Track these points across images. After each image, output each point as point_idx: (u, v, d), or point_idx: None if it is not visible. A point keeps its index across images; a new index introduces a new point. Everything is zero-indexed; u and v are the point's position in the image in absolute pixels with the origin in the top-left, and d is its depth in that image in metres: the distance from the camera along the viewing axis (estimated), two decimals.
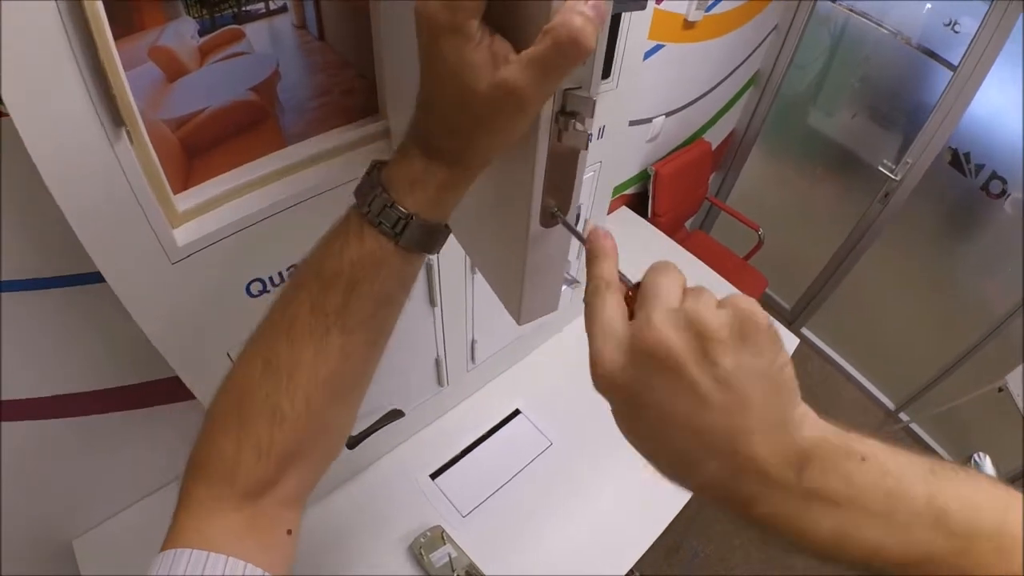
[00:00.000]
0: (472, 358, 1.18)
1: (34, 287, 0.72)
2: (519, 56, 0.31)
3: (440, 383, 1.16)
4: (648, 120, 1.81)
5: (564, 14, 0.29)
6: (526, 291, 0.46)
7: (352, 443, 0.94)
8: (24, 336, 0.75)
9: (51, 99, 0.40)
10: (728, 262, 2.30)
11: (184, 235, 0.55)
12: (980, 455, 1.72)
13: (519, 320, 0.49)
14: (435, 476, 1.18)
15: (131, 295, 0.55)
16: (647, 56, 1.53)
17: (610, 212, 1.84)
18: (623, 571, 1.09)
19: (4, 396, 0.79)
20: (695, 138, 2.18)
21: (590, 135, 0.37)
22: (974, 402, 1.96)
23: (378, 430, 0.98)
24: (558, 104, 0.35)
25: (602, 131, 0.98)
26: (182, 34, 0.48)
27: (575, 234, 0.41)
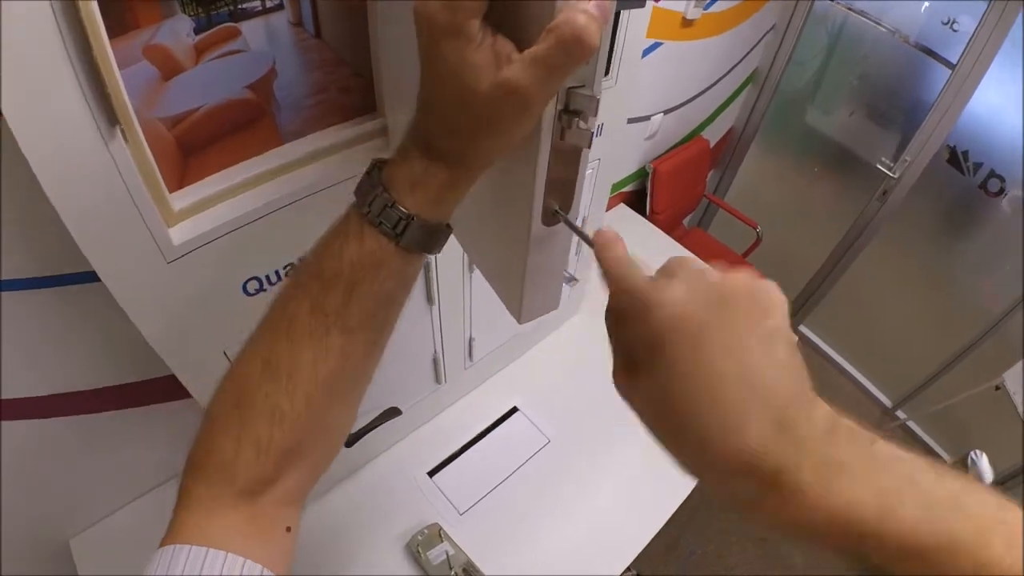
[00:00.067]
0: (470, 356, 1.18)
1: (30, 286, 0.71)
2: (522, 56, 0.31)
3: (437, 381, 1.16)
4: (646, 118, 1.81)
5: (568, 12, 0.29)
6: (527, 290, 0.46)
7: (349, 441, 0.94)
8: (21, 335, 0.74)
9: (45, 97, 0.40)
10: (726, 259, 2.28)
11: (180, 234, 0.55)
12: (976, 453, 1.73)
13: (520, 319, 0.49)
14: (432, 474, 1.18)
15: (127, 294, 0.55)
16: (645, 54, 1.53)
17: (608, 209, 1.84)
18: (620, 569, 1.09)
19: (3, 395, 0.79)
20: (693, 135, 2.18)
21: (593, 133, 0.36)
22: (971, 400, 1.97)
23: (375, 428, 0.98)
24: (561, 103, 0.35)
25: (600, 129, 0.97)
26: (177, 32, 0.47)
27: (579, 234, 0.40)
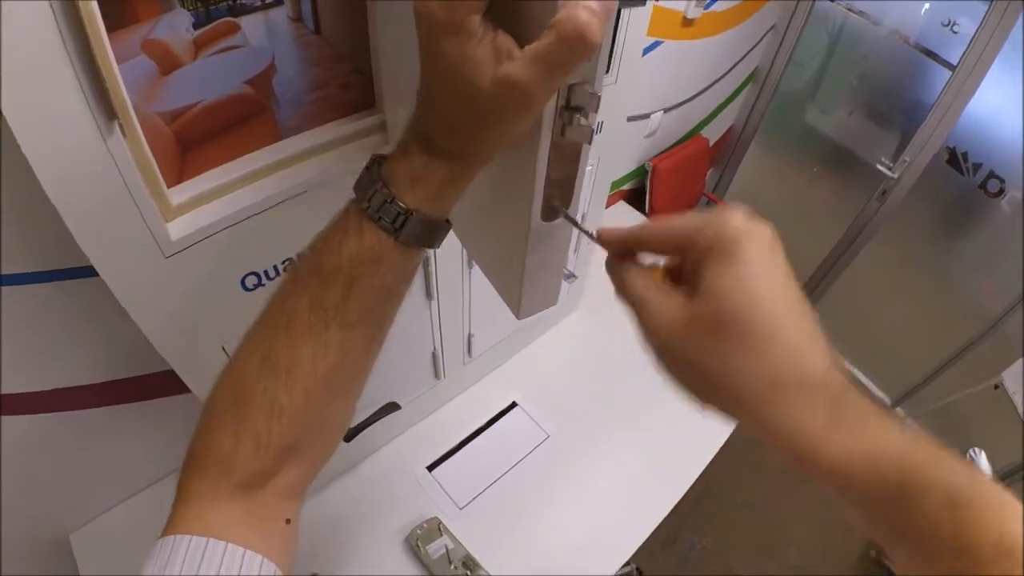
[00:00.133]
0: (469, 351, 1.18)
1: (28, 281, 0.71)
2: (523, 52, 0.30)
3: (437, 376, 1.16)
4: (646, 116, 1.81)
5: (569, 9, 0.28)
6: (526, 286, 0.46)
7: (349, 436, 0.94)
8: (19, 331, 0.75)
9: (42, 92, 0.39)
10: None
11: (178, 229, 0.55)
12: (975, 451, 1.73)
13: (519, 315, 0.49)
14: (432, 468, 1.18)
15: (125, 289, 0.55)
16: (646, 52, 1.53)
17: (608, 207, 1.84)
18: (619, 563, 1.09)
19: (2, 391, 0.79)
20: (693, 134, 2.18)
21: (594, 130, 0.37)
22: (970, 399, 1.97)
23: (375, 423, 0.98)
24: (562, 99, 0.35)
25: (600, 126, 0.98)
26: (176, 27, 0.47)
27: (581, 229, 0.41)
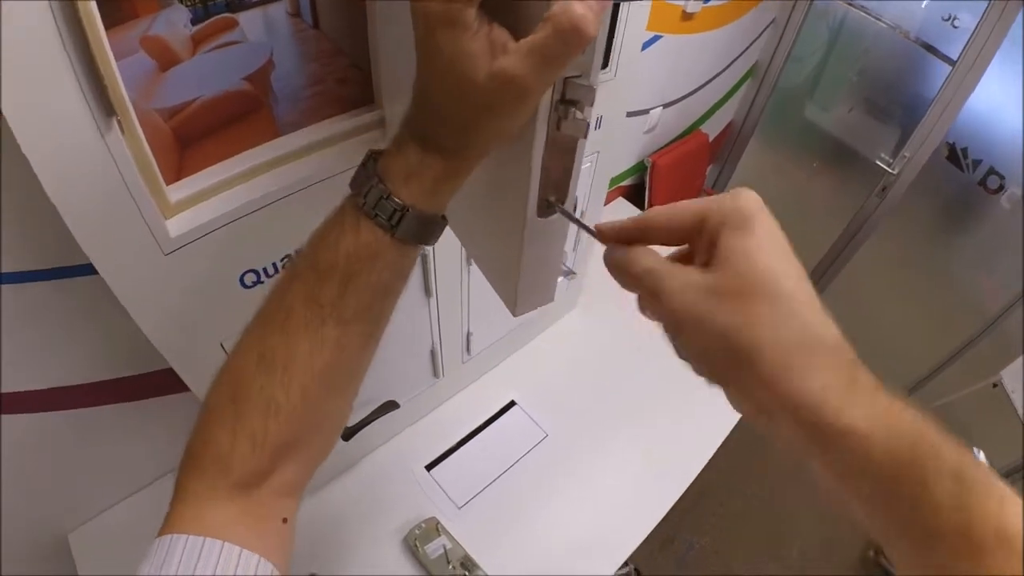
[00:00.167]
0: (467, 349, 1.18)
1: (27, 279, 0.71)
2: (518, 45, 0.30)
3: (435, 374, 1.16)
4: (645, 111, 1.81)
5: (565, 1, 0.29)
6: (522, 282, 0.46)
7: (347, 435, 0.94)
8: (19, 328, 0.74)
9: (40, 89, 0.39)
10: None
11: (177, 226, 0.55)
12: (975, 450, 1.73)
13: (515, 311, 0.49)
14: (430, 468, 1.18)
15: (124, 287, 0.54)
16: (645, 47, 1.52)
17: (607, 203, 1.84)
18: (618, 563, 1.09)
19: (2, 389, 0.79)
20: (692, 129, 2.18)
21: (589, 124, 0.36)
22: (969, 398, 1.97)
23: (373, 421, 0.98)
24: (558, 92, 0.35)
25: (599, 122, 0.97)
26: (174, 23, 0.47)
27: (577, 223, 0.40)
